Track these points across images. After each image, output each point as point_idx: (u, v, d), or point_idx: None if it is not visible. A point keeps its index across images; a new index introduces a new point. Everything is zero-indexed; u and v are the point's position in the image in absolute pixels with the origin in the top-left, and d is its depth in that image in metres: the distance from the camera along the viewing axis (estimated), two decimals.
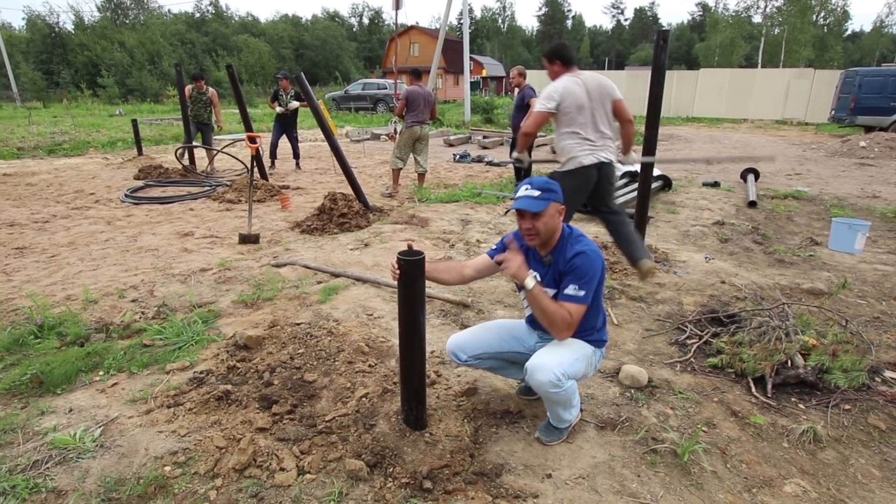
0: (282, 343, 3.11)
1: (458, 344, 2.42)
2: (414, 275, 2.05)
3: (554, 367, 2.05)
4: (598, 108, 3.61)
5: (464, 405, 2.50)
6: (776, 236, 5.57)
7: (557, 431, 2.28)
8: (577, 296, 2.07)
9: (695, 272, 4.34)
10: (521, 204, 2.09)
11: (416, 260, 2.04)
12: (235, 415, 2.46)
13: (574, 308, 2.08)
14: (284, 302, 3.75)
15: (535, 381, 2.06)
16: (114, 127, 16.18)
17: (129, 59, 33.78)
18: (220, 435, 2.30)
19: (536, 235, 2.14)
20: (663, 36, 4.13)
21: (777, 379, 2.70)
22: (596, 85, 3.60)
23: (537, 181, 2.14)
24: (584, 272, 2.08)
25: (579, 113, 3.55)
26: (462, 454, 2.18)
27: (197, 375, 2.78)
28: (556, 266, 2.18)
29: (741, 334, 3.04)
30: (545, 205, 2.09)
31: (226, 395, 2.56)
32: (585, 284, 2.07)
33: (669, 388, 2.71)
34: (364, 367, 2.86)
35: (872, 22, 43.40)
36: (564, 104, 3.53)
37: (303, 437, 2.28)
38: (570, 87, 3.54)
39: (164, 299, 3.75)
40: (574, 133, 3.58)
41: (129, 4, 45.28)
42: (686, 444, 2.19)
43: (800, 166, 10.38)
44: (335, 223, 5.63)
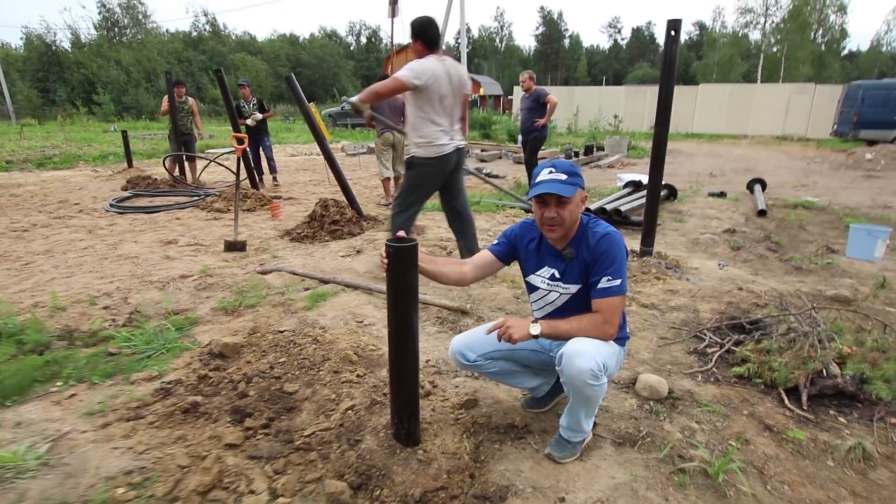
0: (262, 351, 2.84)
1: (466, 342, 2.16)
2: (405, 264, 1.80)
3: (595, 354, 1.80)
4: (457, 97, 3.65)
5: (463, 418, 2.23)
6: (790, 244, 5.35)
7: (570, 447, 2.01)
8: (614, 286, 1.86)
9: (709, 279, 4.10)
10: (549, 188, 1.86)
11: (408, 247, 1.80)
12: (203, 429, 2.18)
13: (613, 303, 1.86)
14: (268, 309, 3.49)
15: (574, 369, 1.80)
16: (106, 141, 16.05)
17: (126, 77, 33.95)
18: (183, 452, 2.02)
19: (560, 226, 1.92)
20: (674, 26, 3.96)
21: (812, 390, 2.44)
22: (458, 75, 3.62)
23: (562, 164, 1.92)
24: (614, 256, 1.86)
25: (441, 101, 3.54)
26: (461, 474, 1.90)
27: (164, 386, 2.51)
28: (579, 258, 1.95)
29: (768, 341, 2.79)
30: (573, 191, 1.88)
31: (193, 408, 2.29)
32: (618, 270, 1.86)
33: (693, 400, 2.44)
34: (352, 377, 2.60)
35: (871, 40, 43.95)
36: (430, 88, 3.48)
37: (277, 454, 2.01)
38: (438, 73, 3.50)
39: (137, 306, 3.49)
40: (434, 121, 3.58)
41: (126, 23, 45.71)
42: (719, 463, 1.92)
43: (806, 178, 10.23)
44: (326, 230, 5.40)
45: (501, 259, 2.18)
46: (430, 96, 3.51)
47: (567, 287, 1.99)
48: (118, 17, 45.61)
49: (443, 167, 3.69)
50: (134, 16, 46.25)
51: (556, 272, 2.03)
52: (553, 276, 2.03)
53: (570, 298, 2.01)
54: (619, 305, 1.88)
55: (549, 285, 2.05)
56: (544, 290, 2.07)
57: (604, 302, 1.87)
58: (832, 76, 30.16)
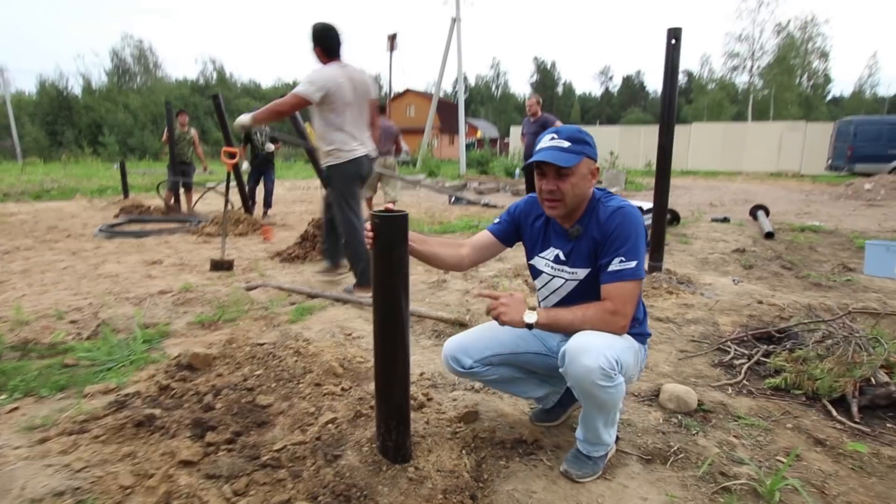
0: (236, 363, 2.51)
1: (461, 345, 1.83)
2: (393, 238, 1.52)
3: (604, 348, 1.48)
4: (363, 103, 3.60)
5: (462, 432, 1.89)
6: (803, 263, 5.07)
7: (591, 463, 1.67)
8: (627, 269, 1.54)
9: (725, 293, 3.80)
10: (544, 155, 1.58)
11: (396, 217, 1.52)
12: (157, 445, 1.83)
13: (626, 289, 1.55)
14: (248, 322, 3.17)
15: (580, 368, 1.47)
16: (106, 176, 15.99)
17: (133, 120, 34.47)
18: (128, 470, 1.67)
19: (560, 202, 1.62)
20: (675, 34, 3.81)
21: (863, 400, 2.11)
22: (361, 81, 3.56)
23: (567, 129, 1.63)
24: (628, 233, 1.56)
25: (346, 108, 3.48)
26: (459, 495, 1.55)
27: (120, 399, 2.16)
28: (587, 236, 1.65)
29: (803, 350, 2.47)
30: (577, 160, 1.58)
31: (148, 421, 1.94)
32: (633, 250, 1.55)
33: (727, 413, 2.10)
34: (335, 389, 2.26)
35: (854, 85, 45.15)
36: (332, 97, 3.40)
37: (239, 472, 1.65)
38: (340, 80, 3.43)
39: (107, 320, 3.16)
40: (341, 129, 3.51)
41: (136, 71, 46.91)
42: (772, 481, 1.57)
43: (807, 207, 10.05)
44: (319, 251, 5.11)
45: (502, 239, 1.89)
46: (333, 104, 3.43)
47: (574, 271, 1.70)
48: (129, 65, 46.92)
49: (358, 170, 3.60)
50: (145, 64, 47.59)
51: (561, 253, 1.73)
52: (558, 258, 1.74)
53: (578, 286, 1.70)
54: (634, 293, 1.56)
55: (553, 269, 1.76)
56: (548, 274, 1.78)
57: (614, 287, 1.56)
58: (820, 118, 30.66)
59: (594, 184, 1.68)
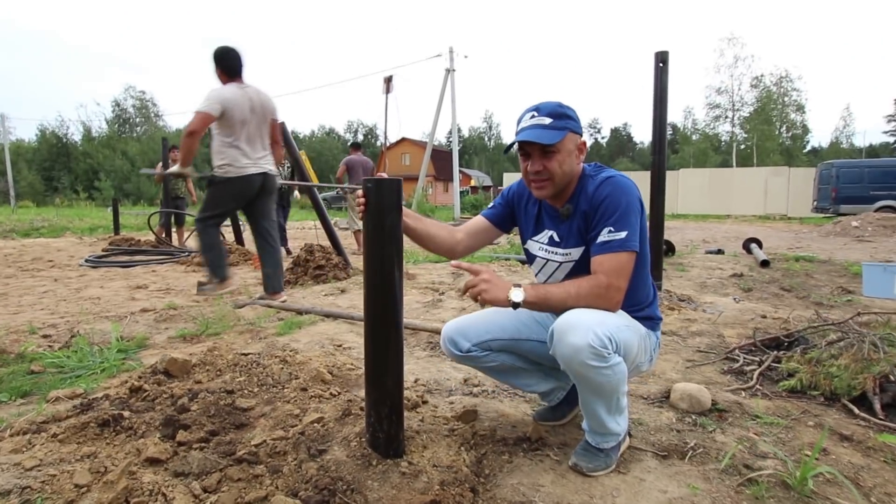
0: (217, 370, 2.33)
1: (459, 328, 1.71)
2: (386, 204, 1.42)
3: (594, 325, 1.34)
4: (262, 123, 3.69)
5: (460, 430, 1.72)
6: (801, 288, 4.99)
7: (602, 456, 1.50)
8: (616, 239, 1.43)
9: (727, 310, 3.69)
10: (527, 135, 1.48)
11: (388, 181, 1.42)
12: (122, 446, 1.65)
13: (617, 260, 1.43)
14: (234, 336, 3.01)
15: (567, 348, 1.34)
16: (98, 216, 15.90)
17: (130, 166, 34.74)
18: (86, 469, 1.48)
19: (549, 181, 1.53)
20: (662, 58, 3.88)
21: (885, 397, 1.97)
22: (260, 101, 3.66)
23: (547, 105, 1.53)
24: (618, 202, 1.46)
25: (242, 126, 3.57)
26: (458, 487, 1.38)
27: (86, 402, 1.98)
28: (578, 213, 1.56)
29: (815, 351, 2.34)
30: (560, 136, 1.49)
31: (114, 421, 1.76)
32: (623, 220, 1.44)
33: (743, 412, 1.95)
34: (323, 393, 2.09)
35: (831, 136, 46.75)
36: (228, 113, 3.50)
37: (211, 468, 1.47)
38: (236, 98, 3.53)
39: (83, 334, 2.98)
40: (235, 145, 3.59)
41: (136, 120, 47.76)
42: (803, 469, 1.42)
43: (798, 243, 10.09)
44: (310, 275, 4.98)
45: (497, 224, 1.80)
46: (230, 121, 3.52)
47: (567, 252, 1.59)
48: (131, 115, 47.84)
49: (242, 188, 3.66)
50: (146, 114, 48.55)
51: (555, 234, 1.64)
52: (552, 240, 1.64)
53: (574, 267, 1.60)
54: (625, 265, 1.44)
55: (547, 252, 1.66)
56: (542, 258, 1.68)
57: (604, 259, 1.44)
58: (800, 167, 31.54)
59: (582, 159, 1.59)
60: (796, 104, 35.86)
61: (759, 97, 34.23)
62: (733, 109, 34.82)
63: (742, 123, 35.02)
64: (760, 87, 34.19)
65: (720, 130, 37.55)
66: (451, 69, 21.14)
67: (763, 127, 33.03)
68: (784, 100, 35.27)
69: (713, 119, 36.21)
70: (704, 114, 37.38)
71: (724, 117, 35.51)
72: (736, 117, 35.04)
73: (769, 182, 21.25)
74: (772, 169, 22.53)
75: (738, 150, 34.86)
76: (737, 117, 35.03)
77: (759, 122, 33.20)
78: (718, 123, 36.45)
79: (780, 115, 35.63)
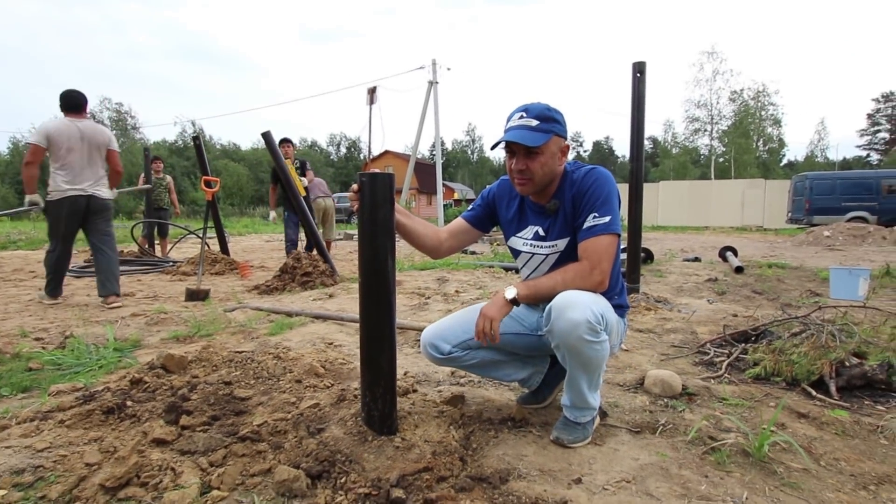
0: (213, 366, 2.43)
1: (438, 332, 1.83)
2: (379, 197, 1.56)
3: (590, 303, 1.50)
4: (93, 152, 4.20)
5: (448, 412, 1.85)
6: (772, 291, 5.23)
7: (580, 429, 1.65)
8: (601, 223, 1.59)
9: (701, 310, 3.88)
10: (513, 136, 1.62)
11: (383, 175, 1.57)
12: (128, 430, 1.75)
13: (602, 243, 1.58)
14: (226, 336, 3.10)
15: (566, 323, 1.48)
16: None
17: None
18: (95, 449, 1.58)
19: (530, 181, 1.67)
20: (640, 68, 4.11)
21: (840, 381, 2.15)
22: (92, 133, 4.21)
23: (536, 107, 1.67)
24: (601, 190, 1.62)
25: (69, 153, 4.09)
26: (448, 457, 1.51)
27: (87, 394, 2.07)
28: (564, 207, 1.71)
29: (780, 342, 2.52)
30: (545, 138, 1.63)
31: (118, 408, 1.86)
32: (606, 206, 1.60)
33: (711, 396, 2.12)
34: (318, 384, 2.21)
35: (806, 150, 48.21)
36: (54, 144, 4.04)
37: (217, 445, 1.58)
38: (63, 129, 4.08)
39: (76, 336, 3.04)
40: (60, 171, 4.09)
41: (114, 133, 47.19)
42: (761, 436, 1.58)
43: (772, 251, 10.44)
44: (298, 282, 5.07)
45: (476, 226, 1.94)
46: (56, 151, 4.06)
47: (553, 244, 1.73)
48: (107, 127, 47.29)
49: (66, 208, 4.13)
50: (122, 126, 48.05)
51: (540, 230, 1.77)
52: (537, 235, 1.78)
53: (559, 258, 1.74)
54: (609, 248, 1.59)
55: (532, 247, 1.80)
56: (526, 252, 1.82)
57: (590, 244, 1.59)
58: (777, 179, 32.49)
59: (564, 162, 1.73)
60: (773, 118, 37.00)
61: (737, 111, 35.28)
62: (712, 123, 35.83)
63: (720, 137, 36.00)
64: (739, 101, 35.28)
65: (699, 144, 38.55)
66: (434, 81, 21.49)
67: (741, 140, 34.00)
68: (761, 114, 36.39)
69: (692, 132, 37.18)
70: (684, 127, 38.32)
71: (703, 130, 36.49)
72: (715, 130, 36.04)
73: (746, 194, 21.88)
74: (749, 181, 23.21)
75: (716, 163, 35.79)
76: (715, 130, 36.02)
77: (737, 136, 34.17)
78: (697, 136, 37.43)
79: (758, 128, 36.70)
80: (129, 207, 32.27)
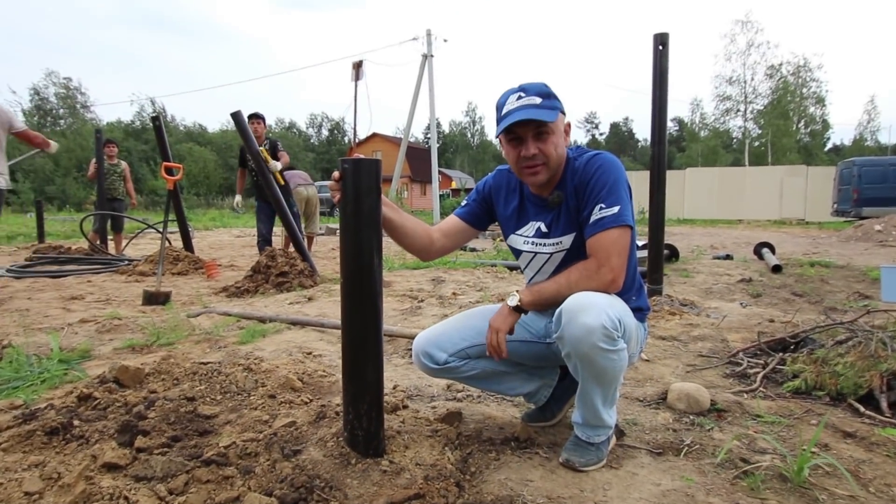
0: (174, 379, 2.43)
1: (432, 339, 1.83)
2: (364, 185, 1.55)
3: (606, 307, 1.49)
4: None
5: (444, 431, 1.85)
6: (815, 293, 5.25)
7: (594, 449, 1.65)
8: (609, 215, 1.58)
9: (732, 315, 3.90)
10: (523, 114, 1.59)
11: (368, 161, 1.56)
12: (75, 454, 1.74)
13: (610, 238, 1.58)
14: (189, 345, 3.09)
15: (579, 329, 1.47)
16: (17, 223, 15.65)
17: (53, 166, 34.19)
18: (35, 476, 1.57)
19: (543, 165, 1.66)
20: (662, 40, 4.11)
21: (892, 395, 2.16)
22: None
23: (534, 85, 1.65)
24: (607, 178, 1.62)
25: None
26: (443, 482, 1.51)
27: (28, 413, 2.06)
28: (567, 199, 1.71)
29: (822, 351, 2.53)
30: (555, 115, 1.63)
31: (63, 429, 1.85)
32: (614, 195, 1.60)
33: (743, 412, 2.13)
34: (294, 400, 2.21)
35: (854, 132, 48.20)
36: None
37: (177, 471, 1.57)
38: None
39: (15, 345, 3.03)
40: None
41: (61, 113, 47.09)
42: (800, 458, 1.58)
43: (815, 248, 10.49)
44: (272, 283, 5.07)
45: (472, 223, 1.94)
46: None
47: (558, 241, 1.74)
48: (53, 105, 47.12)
49: None
50: (71, 105, 47.89)
51: (542, 225, 1.78)
52: (539, 232, 1.79)
53: (565, 257, 1.74)
54: (620, 241, 1.58)
55: (534, 245, 1.80)
56: (528, 252, 1.82)
57: (597, 239, 1.59)
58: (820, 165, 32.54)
59: (567, 143, 1.73)
60: (816, 96, 37.12)
61: (774, 88, 35.35)
62: (746, 102, 35.90)
63: (756, 118, 36.07)
64: (776, 77, 35.35)
65: (731, 125, 38.64)
66: (428, 54, 21.46)
67: (779, 122, 34.06)
68: (802, 91, 36.50)
69: (723, 113, 37.24)
70: (714, 107, 38.36)
71: (736, 111, 36.55)
72: (749, 111, 36.11)
73: (785, 183, 21.95)
74: (788, 168, 23.29)
75: (751, 148, 35.89)
76: (750, 111, 36.09)
77: (775, 117, 34.23)
78: (729, 118, 37.49)
79: (798, 108, 36.83)
80: (79, 198, 32.21)
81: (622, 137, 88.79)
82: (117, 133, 45.66)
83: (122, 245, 8.97)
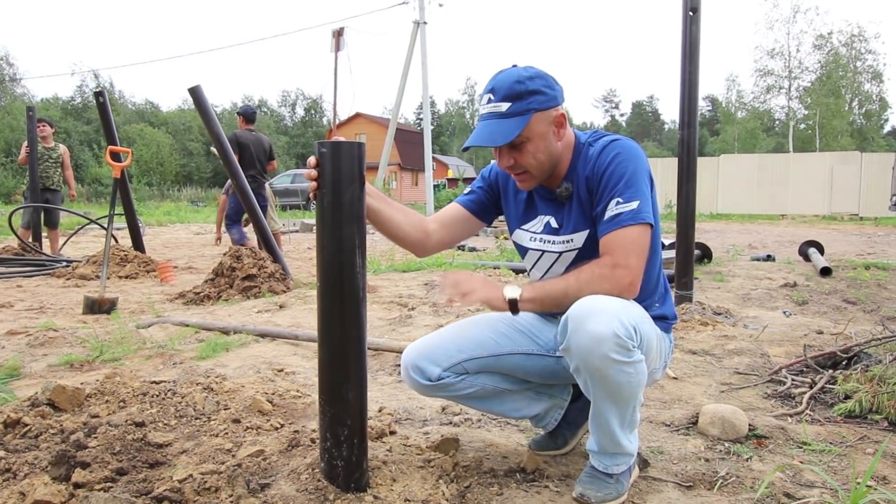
0: (119, 401, 2.43)
1: (424, 351, 1.82)
2: (345, 173, 1.54)
3: (619, 312, 1.49)
4: None
5: (437, 460, 1.85)
6: (870, 301, 5.29)
7: (613, 482, 1.65)
8: (627, 211, 1.58)
9: (775, 325, 3.92)
10: (476, 139, 1.66)
11: (348, 144, 1.56)
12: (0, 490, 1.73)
13: (628, 236, 1.58)
14: (138, 361, 3.09)
15: (588, 337, 1.47)
16: None
17: None
18: None
19: (527, 174, 1.70)
20: (693, 5, 4.13)
21: None
22: None
23: (503, 83, 1.64)
24: (624, 169, 1.62)
25: None
26: None
27: None
28: (578, 191, 1.72)
29: (880, 368, 2.55)
30: (522, 124, 1.61)
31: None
32: (632, 189, 1.60)
33: (787, 439, 2.14)
34: (262, 425, 2.21)
35: None
36: None
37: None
38: None
39: None
40: None
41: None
42: (853, 496, 1.58)
43: (870, 248, 10.57)
44: (237, 288, 5.08)
45: (476, 213, 1.95)
46: None
47: (569, 238, 1.75)
48: None
49: None
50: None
51: (552, 220, 1.79)
52: (548, 227, 1.80)
53: (576, 256, 1.75)
54: (639, 240, 1.59)
55: (542, 242, 1.81)
56: (535, 250, 1.84)
57: (613, 237, 1.59)
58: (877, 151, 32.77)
59: (564, 134, 1.72)
60: (872, 71, 37.39)
61: (823, 62, 35.54)
62: (790, 78, 36.11)
63: (802, 96, 36.26)
64: (826, 48, 35.53)
65: (773, 105, 38.87)
66: (421, 21, 21.47)
67: (828, 100, 34.24)
68: (856, 65, 36.73)
69: (764, 90, 37.44)
70: (753, 83, 38.57)
71: (779, 88, 36.75)
72: (794, 88, 36.32)
73: (836, 172, 22.05)
74: (839, 155, 23.42)
75: (796, 131, 36.08)
76: (795, 88, 36.30)
77: (824, 95, 34.41)
78: (771, 96, 37.72)
79: (851, 85, 37.07)
80: (8, 187, 32.06)
81: (646, 119, 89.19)
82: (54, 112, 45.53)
83: (58, 243, 8.93)
